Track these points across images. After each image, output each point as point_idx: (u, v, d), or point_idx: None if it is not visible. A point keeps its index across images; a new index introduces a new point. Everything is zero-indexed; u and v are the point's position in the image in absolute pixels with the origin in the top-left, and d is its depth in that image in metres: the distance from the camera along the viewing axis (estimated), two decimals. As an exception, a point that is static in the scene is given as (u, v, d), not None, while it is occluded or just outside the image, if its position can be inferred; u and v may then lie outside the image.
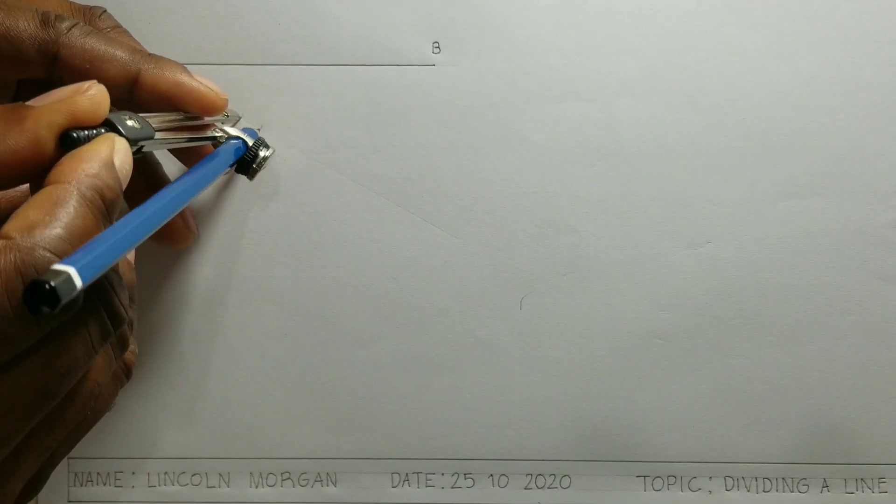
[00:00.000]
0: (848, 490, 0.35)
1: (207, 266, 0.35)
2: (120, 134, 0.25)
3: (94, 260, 0.20)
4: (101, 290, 0.23)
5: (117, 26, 0.31)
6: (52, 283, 0.19)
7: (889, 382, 0.35)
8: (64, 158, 0.23)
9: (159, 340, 0.35)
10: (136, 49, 0.29)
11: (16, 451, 0.22)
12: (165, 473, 0.35)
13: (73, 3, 0.30)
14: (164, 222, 0.25)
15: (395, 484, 0.35)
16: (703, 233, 0.35)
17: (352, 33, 0.35)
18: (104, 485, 0.35)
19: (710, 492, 0.35)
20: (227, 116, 0.33)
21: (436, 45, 0.35)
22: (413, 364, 0.35)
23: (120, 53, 0.28)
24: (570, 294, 0.35)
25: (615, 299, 0.35)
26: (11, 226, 0.21)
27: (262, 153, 0.32)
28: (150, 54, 0.30)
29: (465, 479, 0.35)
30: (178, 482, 0.35)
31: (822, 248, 0.35)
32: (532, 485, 0.35)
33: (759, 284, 0.35)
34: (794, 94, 0.35)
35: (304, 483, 0.35)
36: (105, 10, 0.31)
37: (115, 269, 0.24)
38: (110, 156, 0.23)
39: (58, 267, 0.19)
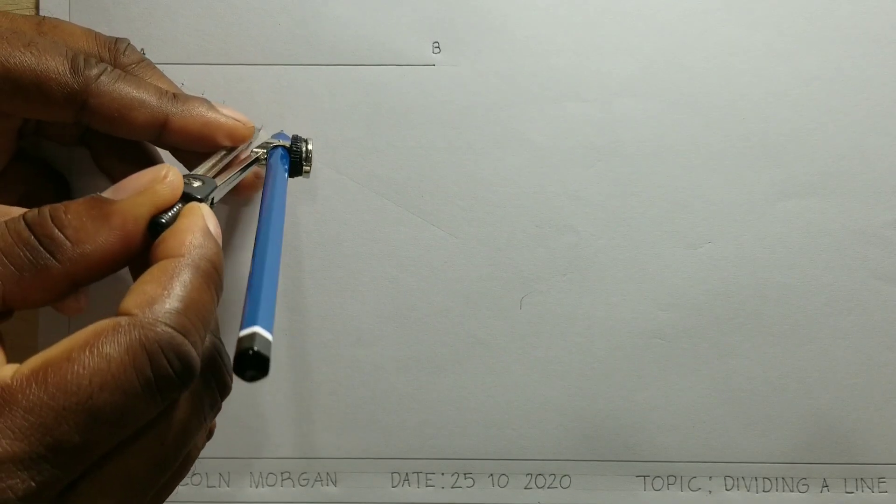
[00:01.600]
0: (848, 490, 0.35)
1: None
2: (196, 199, 0.25)
3: (265, 312, 0.21)
4: (213, 362, 0.24)
5: (142, 60, 0.31)
6: (257, 348, 0.20)
7: (889, 382, 0.35)
8: (165, 234, 0.23)
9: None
10: (163, 91, 0.29)
11: None
12: (165, 473, 0.35)
13: (99, 35, 0.31)
14: (281, 252, 0.26)
15: (395, 484, 0.35)
16: (703, 233, 0.35)
17: (352, 33, 0.35)
18: (104, 485, 0.35)
19: (710, 492, 0.35)
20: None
21: (436, 45, 0.35)
22: (413, 364, 0.35)
23: (148, 98, 0.29)
24: (570, 294, 0.35)
25: (615, 299, 0.35)
26: (131, 302, 0.21)
27: (304, 147, 0.32)
28: (175, 95, 0.30)
29: (465, 479, 0.35)
30: (178, 482, 0.35)
31: (822, 248, 0.35)
32: (532, 485, 0.35)
33: (759, 284, 0.35)
34: (794, 94, 0.35)
35: (304, 483, 0.35)
36: (129, 43, 0.31)
37: (219, 337, 0.25)
38: (205, 223, 0.24)
39: (246, 331, 0.20)
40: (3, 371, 0.20)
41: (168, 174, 0.24)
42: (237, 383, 0.35)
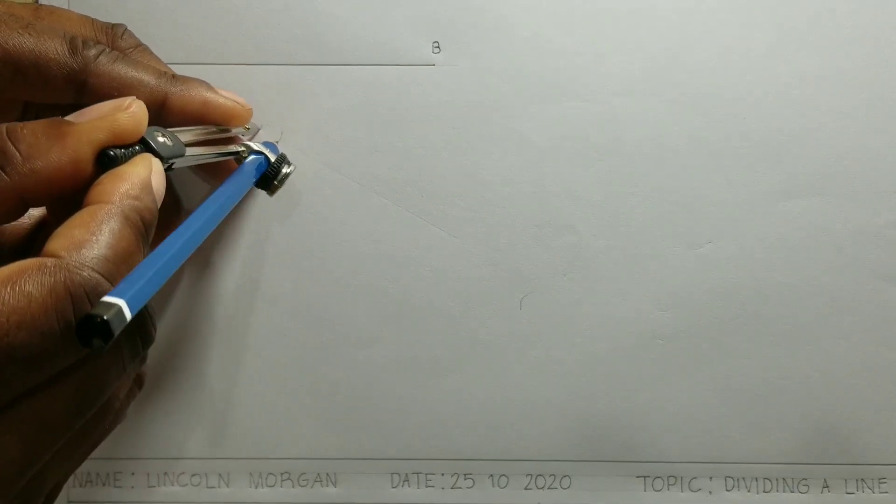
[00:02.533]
0: (848, 490, 0.35)
1: (206, 267, 0.35)
2: (154, 153, 0.25)
3: (141, 290, 0.21)
4: (138, 315, 0.24)
5: (139, 45, 0.31)
6: (106, 317, 0.19)
7: (889, 382, 0.35)
8: (104, 178, 0.23)
9: (158, 342, 0.35)
10: (162, 72, 0.29)
11: (42, 468, 0.23)
12: (165, 474, 0.35)
13: (96, 21, 0.31)
14: (198, 245, 0.25)
15: (395, 484, 0.35)
16: (703, 233, 0.35)
17: (352, 33, 0.35)
18: (104, 485, 0.35)
19: (710, 492, 0.35)
20: (248, 128, 0.33)
21: (436, 45, 0.35)
22: (413, 364, 0.35)
23: (147, 78, 0.29)
24: (570, 294, 0.35)
25: (615, 299, 0.35)
26: (58, 244, 0.21)
27: (284, 170, 0.32)
28: (174, 75, 0.30)
29: (465, 479, 0.35)
30: (178, 482, 0.35)
31: (822, 248, 0.35)
32: (532, 485, 0.35)
33: (759, 284, 0.35)
34: (794, 94, 0.35)
35: (304, 483, 0.35)
36: (126, 29, 0.31)
37: None
38: (148, 177, 0.24)
39: (109, 299, 0.20)
40: None
41: (132, 105, 0.24)
42: (237, 383, 0.35)
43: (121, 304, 0.20)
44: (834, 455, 0.35)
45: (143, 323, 0.24)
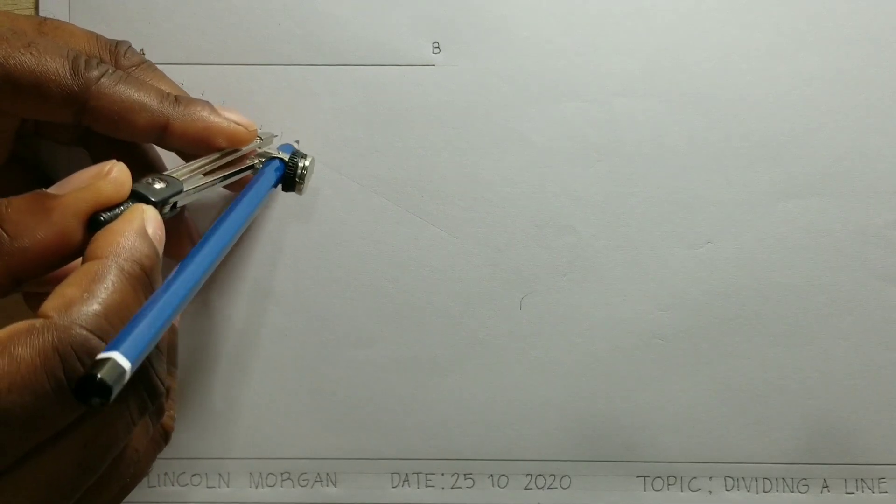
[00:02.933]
0: (848, 490, 0.35)
1: (207, 266, 0.35)
2: (147, 201, 0.24)
3: (136, 340, 0.20)
4: (139, 368, 0.23)
5: (142, 62, 0.31)
6: (100, 375, 0.19)
7: (889, 382, 0.35)
8: (98, 234, 0.23)
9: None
10: (164, 94, 0.29)
11: None
12: (165, 474, 0.35)
13: (100, 37, 0.30)
14: (206, 278, 0.24)
15: (395, 484, 0.35)
16: (703, 233, 0.35)
17: (352, 33, 0.35)
18: (104, 485, 0.35)
19: (710, 492, 0.35)
20: (262, 140, 0.32)
21: (436, 45, 0.35)
22: (413, 364, 0.35)
23: (149, 101, 0.28)
24: (570, 294, 0.35)
25: (615, 299, 0.35)
26: (49, 304, 0.21)
27: (301, 164, 0.32)
28: (177, 98, 0.29)
29: (465, 479, 0.35)
30: (178, 482, 0.35)
31: (822, 248, 0.35)
32: (532, 485, 0.35)
33: (759, 284, 0.35)
34: (794, 94, 0.35)
35: (304, 483, 0.35)
36: (130, 46, 0.31)
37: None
38: (142, 225, 0.24)
39: (103, 355, 0.19)
40: None
41: (112, 170, 0.24)
42: (237, 383, 0.35)
43: (115, 358, 0.19)
44: (834, 455, 0.35)
45: (147, 377, 0.24)
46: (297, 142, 0.35)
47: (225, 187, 0.32)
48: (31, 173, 0.34)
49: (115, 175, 0.24)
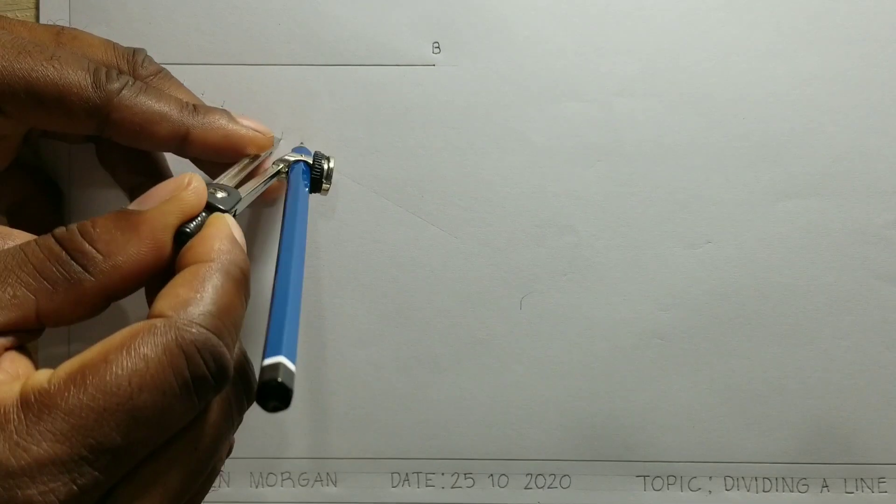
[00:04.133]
0: (848, 490, 0.35)
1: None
2: (220, 210, 0.25)
3: (290, 344, 0.21)
4: (242, 369, 0.24)
5: (159, 71, 0.31)
6: (281, 379, 0.20)
7: (889, 382, 0.35)
8: (192, 242, 0.23)
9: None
10: (184, 104, 0.29)
11: None
12: (165, 473, 0.35)
13: (118, 46, 0.31)
14: (303, 277, 0.25)
15: (395, 484, 0.35)
16: (703, 233, 0.35)
17: (352, 33, 0.35)
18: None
19: (710, 492, 0.35)
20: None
21: (436, 45, 0.35)
22: (413, 364, 0.35)
23: (169, 112, 0.29)
24: (570, 294, 0.35)
25: (615, 299, 0.35)
26: (164, 304, 0.21)
27: (326, 166, 0.32)
28: (196, 107, 0.30)
29: (465, 479, 0.35)
30: (178, 482, 0.35)
31: (822, 248, 0.35)
32: (532, 485, 0.35)
33: (759, 284, 0.35)
34: (794, 94, 0.35)
35: (304, 483, 0.35)
36: (146, 55, 0.31)
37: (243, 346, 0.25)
38: (230, 232, 0.24)
39: (270, 361, 0.20)
40: (38, 376, 0.20)
41: (192, 181, 0.24)
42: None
43: (284, 362, 0.20)
44: (834, 455, 0.35)
45: (248, 379, 0.24)
46: (302, 143, 0.35)
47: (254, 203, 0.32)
48: (33, 174, 0.34)
49: (195, 185, 0.24)
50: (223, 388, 0.22)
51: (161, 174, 0.33)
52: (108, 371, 0.20)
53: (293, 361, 0.20)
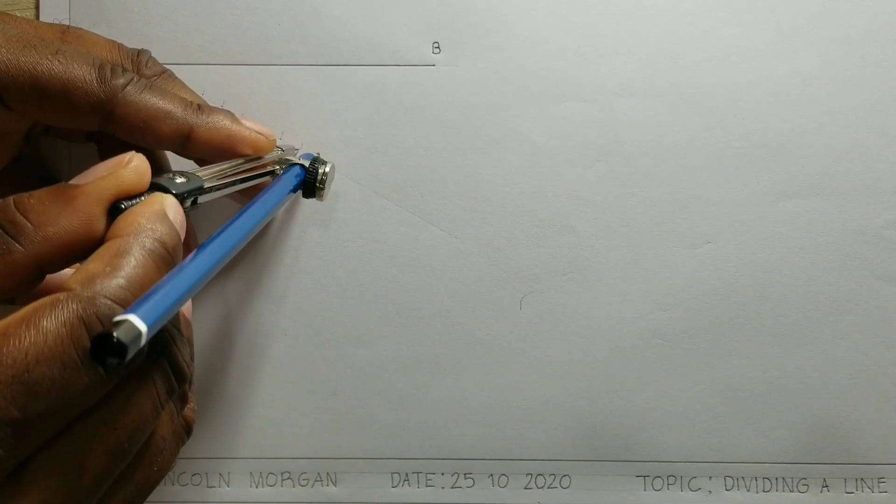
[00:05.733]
0: (848, 490, 0.35)
1: (207, 266, 0.35)
2: (165, 191, 0.25)
3: (154, 305, 0.20)
4: (165, 345, 0.24)
5: (163, 71, 0.31)
6: (116, 334, 0.19)
7: (889, 382, 0.35)
8: (119, 217, 0.23)
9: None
10: (188, 102, 0.29)
11: None
12: (165, 473, 0.35)
13: (122, 46, 0.31)
14: (225, 262, 0.25)
15: (395, 484, 0.35)
16: (703, 233, 0.35)
17: (352, 33, 0.35)
18: (104, 485, 0.35)
19: (710, 492, 0.35)
20: (283, 151, 0.33)
21: (436, 45, 0.35)
22: (413, 364, 0.35)
23: (173, 109, 0.29)
24: (570, 294, 0.35)
25: (615, 299, 0.35)
26: (72, 279, 0.21)
27: (321, 170, 0.32)
28: (200, 106, 0.30)
29: (465, 479, 0.35)
30: (178, 482, 0.35)
31: (822, 248, 0.35)
32: (532, 485, 0.35)
33: (759, 284, 0.35)
34: (793, 94, 0.35)
35: (304, 483, 0.35)
36: (150, 55, 0.31)
37: (176, 326, 0.24)
38: (162, 209, 0.24)
39: (120, 317, 0.20)
40: None
41: (133, 160, 0.24)
42: (238, 383, 0.35)
43: (132, 319, 0.19)
44: (833, 454, 0.35)
45: (173, 355, 0.24)
46: (300, 144, 0.35)
47: (243, 193, 0.32)
48: (33, 172, 0.34)
49: (135, 164, 0.24)
50: (133, 362, 0.21)
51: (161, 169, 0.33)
52: (4, 345, 0.19)
53: (149, 325, 0.20)
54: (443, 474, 0.35)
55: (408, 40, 0.35)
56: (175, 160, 0.34)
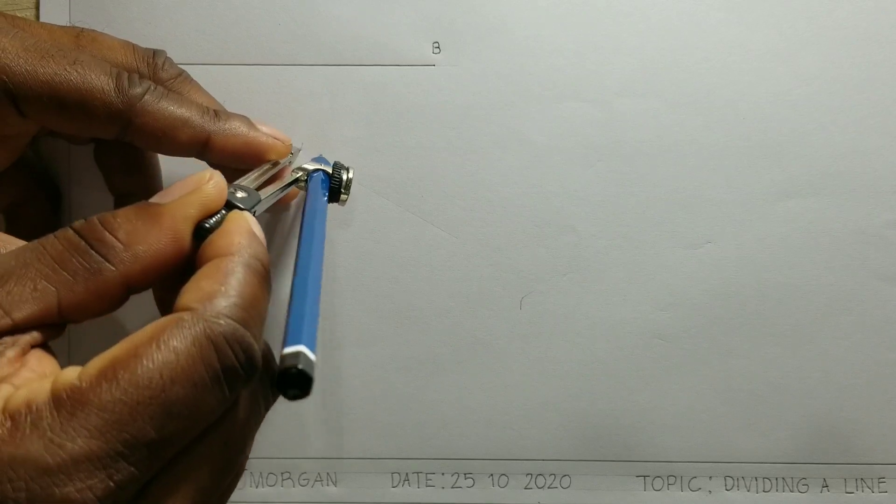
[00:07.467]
0: (848, 490, 0.35)
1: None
2: (241, 209, 0.25)
3: (310, 334, 0.21)
4: (268, 362, 0.24)
5: (180, 74, 0.31)
6: (302, 367, 0.20)
7: (889, 382, 0.35)
8: (212, 237, 0.23)
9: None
10: (205, 109, 0.29)
11: None
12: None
13: (137, 48, 0.31)
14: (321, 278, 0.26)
15: (395, 484, 0.35)
16: (703, 233, 0.35)
17: (352, 33, 0.35)
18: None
19: (710, 492, 0.35)
20: (292, 153, 0.33)
21: (436, 45, 0.35)
22: (413, 364, 0.35)
23: (191, 117, 0.29)
24: (570, 294, 0.35)
25: (615, 299, 0.35)
26: (189, 298, 0.21)
27: (345, 176, 0.32)
28: (216, 112, 0.30)
29: (465, 479, 0.35)
30: (178, 482, 0.35)
31: (822, 248, 0.35)
32: (532, 485, 0.35)
33: (759, 284, 0.35)
34: (794, 94, 0.35)
35: (304, 483, 0.35)
36: (167, 57, 0.31)
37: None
38: (251, 228, 0.24)
39: (291, 349, 0.20)
40: (67, 374, 0.20)
41: (213, 177, 0.25)
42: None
43: (304, 351, 0.20)
44: (833, 454, 0.35)
45: (272, 370, 0.24)
46: (301, 144, 0.35)
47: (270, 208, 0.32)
48: (33, 175, 0.34)
49: (216, 181, 0.25)
50: (253, 379, 0.22)
51: (154, 181, 0.33)
52: (138, 365, 0.20)
53: (313, 351, 0.21)
54: (443, 474, 0.35)
55: (408, 40, 0.35)
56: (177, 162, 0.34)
